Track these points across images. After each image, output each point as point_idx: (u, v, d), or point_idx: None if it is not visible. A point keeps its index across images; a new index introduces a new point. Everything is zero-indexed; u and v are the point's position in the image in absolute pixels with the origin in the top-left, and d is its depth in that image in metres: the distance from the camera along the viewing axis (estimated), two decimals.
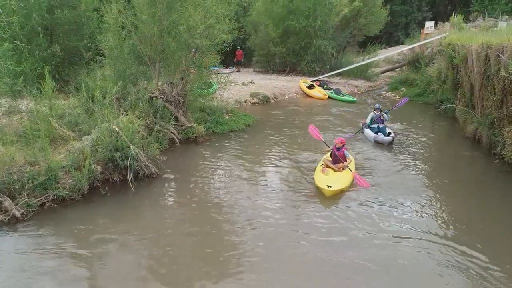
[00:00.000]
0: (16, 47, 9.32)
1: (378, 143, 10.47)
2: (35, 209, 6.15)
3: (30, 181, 6.32)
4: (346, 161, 8.01)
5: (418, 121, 13.39)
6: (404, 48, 22.66)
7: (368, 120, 11.28)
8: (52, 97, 8.28)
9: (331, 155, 8.23)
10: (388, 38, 32.19)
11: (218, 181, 7.85)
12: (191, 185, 7.65)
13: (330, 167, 7.92)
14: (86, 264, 5.05)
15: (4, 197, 5.99)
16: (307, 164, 8.67)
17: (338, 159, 7.99)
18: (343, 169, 7.85)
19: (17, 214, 5.90)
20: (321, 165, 8.03)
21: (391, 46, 29.70)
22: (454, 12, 21.80)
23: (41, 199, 6.28)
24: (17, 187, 6.22)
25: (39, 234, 5.71)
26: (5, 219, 5.79)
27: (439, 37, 18.02)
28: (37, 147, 6.84)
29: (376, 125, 11.01)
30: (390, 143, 10.31)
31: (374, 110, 11.33)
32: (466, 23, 21.64)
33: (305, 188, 7.46)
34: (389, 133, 10.72)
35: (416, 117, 14.07)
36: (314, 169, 8.16)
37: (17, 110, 9.56)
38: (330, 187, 7.10)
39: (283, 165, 8.74)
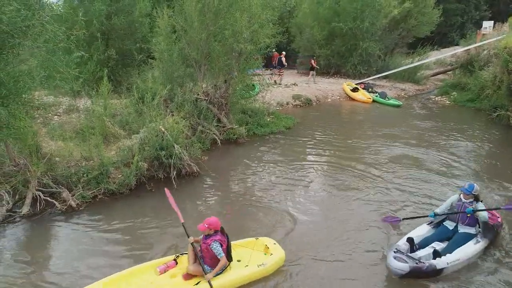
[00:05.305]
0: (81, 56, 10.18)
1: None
2: (88, 200, 6.75)
3: (85, 174, 6.95)
4: (211, 262, 4.56)
5: (468, 128, 12.74)
6: (458, 50, 21.53)
7: (440, 209, 5.80)
8: (107, 97, 8.99)
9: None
10: (441, 39, 30.50)
11: (257, 183, 8.05)
12: (230, 185, 7.97)
13: (188, 267, 4.58)
14: (131, 252, 5.49)
15: (63, 188, 6.67)
16: (346, 168, 8.66)
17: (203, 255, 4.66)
18: (196, 276, 4.51)
19: (73, 204, 6.53)
20: (176, 258, 4.86)
21: (444, 48, 28.24)
22: None
23: (94, 192, 6.87)
24: (73, 179, 6.87)
25: (91, 223, 6.28)
26: (63, 208, 6.44)
27: (496, 38, 16.95)
28: (92, 144, 7.49)
29: (454, 224, 5.60)
30: None
31: (461, 194, 5.63)
32: None
33: (343, 197, 7.47)
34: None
35: (466, 123, 13.38)
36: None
37: (76, 108, 10.46)
38: None
39: (322, 169, 8.78)
